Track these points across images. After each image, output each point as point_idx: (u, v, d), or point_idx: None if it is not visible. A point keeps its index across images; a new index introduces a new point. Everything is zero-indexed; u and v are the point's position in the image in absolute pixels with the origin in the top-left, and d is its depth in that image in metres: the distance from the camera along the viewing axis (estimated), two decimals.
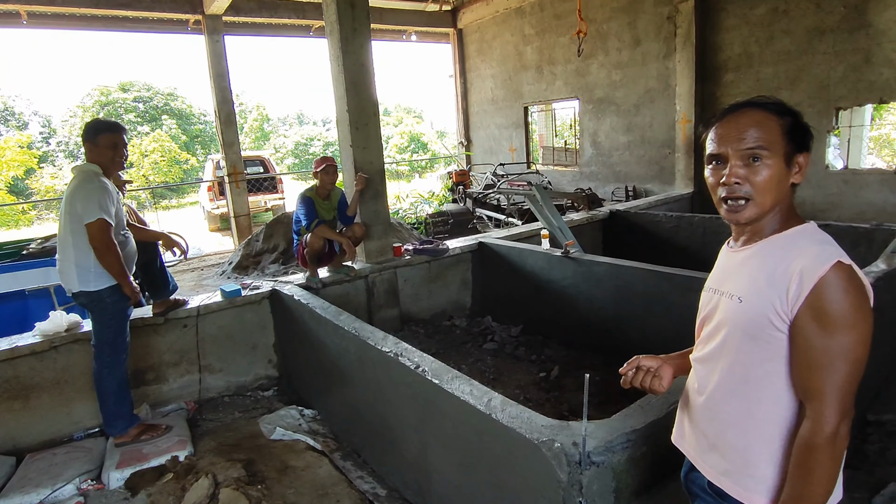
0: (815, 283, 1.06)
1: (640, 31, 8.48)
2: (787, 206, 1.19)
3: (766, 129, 1.15)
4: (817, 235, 1.16)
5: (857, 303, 1.06)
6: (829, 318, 1.05)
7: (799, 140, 1.16)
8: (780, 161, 1.15)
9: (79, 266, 2.96)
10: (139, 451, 3.10)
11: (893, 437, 2.84)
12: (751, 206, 1.17)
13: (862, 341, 1.06)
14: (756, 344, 1.15)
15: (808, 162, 1.17)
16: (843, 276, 1.06)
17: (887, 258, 3.34)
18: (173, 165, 24.52)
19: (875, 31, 5.98)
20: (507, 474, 1.92)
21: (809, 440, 1.08)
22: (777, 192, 1.16)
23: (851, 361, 1.06)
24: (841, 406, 1.06)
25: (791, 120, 1.16)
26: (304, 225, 4.22)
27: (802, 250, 1.11)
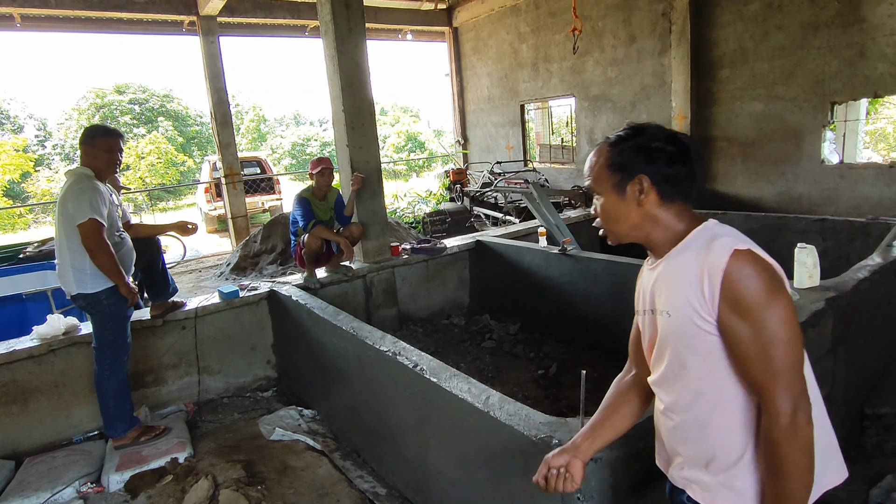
0: (722, 276, 1.06)
1: (635, 27, 8.49)
2: (672, 218, 1.20)
3: (596, 168, 1.23)
4: (714, 230, 1.16)
5: (767, 283, 1.05)
6: (746, 306, 1.05)
7: (631, 164, 1.18)
8: (611, 194, 1.22)
9: (75, 268, 2.96)
10: (139, 453, 3.11)
11: (890, 429, 2.85)
12: (607, 232, 1.27)
13: (784, 319, 1.05)
14: (697, 353, 1.14)
15: (648, 182, 1.17)
16: (745, 261, 1.06)
17: (883, 252, 3.36)
18: (170, 167, 24.46)
19: (869, 26, 5.99)
20: (505, 471, 1.92)
21: (770, 436, 1.06)
22: (622, 219, 1.22)
23: (782, 342, 1.04)
24: (789, 391, 1.04)
25: (619, 149, 1.19)
26: (302, 226, 4.23)
27: (703, 248, 1.12)
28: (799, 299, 2.68)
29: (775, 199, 7.16)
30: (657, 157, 1.17)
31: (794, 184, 6.95)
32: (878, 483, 2.32)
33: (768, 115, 7.03)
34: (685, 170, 1.18)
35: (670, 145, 1.17)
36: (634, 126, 1.21)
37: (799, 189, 6.91)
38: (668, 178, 1.17)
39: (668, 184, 1.17)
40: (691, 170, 1.19)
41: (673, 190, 1.18)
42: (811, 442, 1.05)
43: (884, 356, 3.34)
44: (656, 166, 1.17)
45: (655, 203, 1.19)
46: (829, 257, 4.33)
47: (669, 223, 1.20)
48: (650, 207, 1.19)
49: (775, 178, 7.13)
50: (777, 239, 4.95)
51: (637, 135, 1.19)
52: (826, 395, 2.68)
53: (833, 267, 3.80)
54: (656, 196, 1.18)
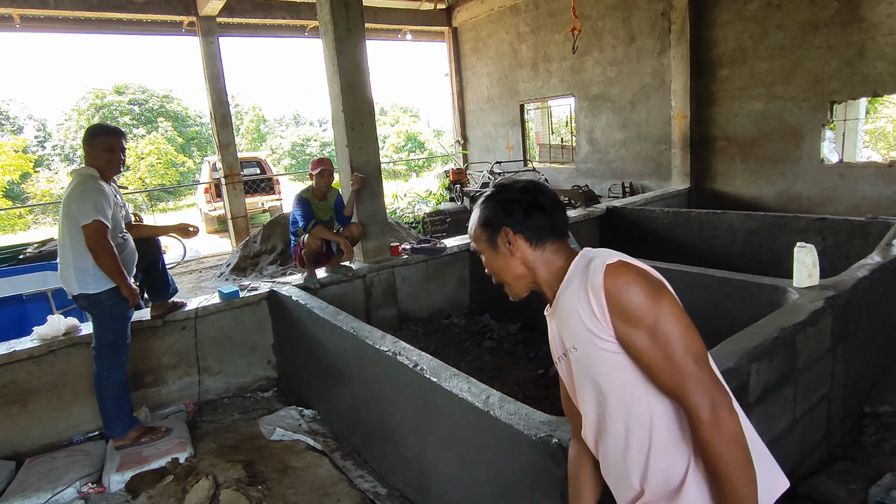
0: (604, 292, 1.10)
1: (634, 27, 8.49)
2: (549, 257, 1.26)
3: (473, 230, 1.33)
4: (588, 255, 1.20)
5: (645, 287, 1.08)
6: (633, 314, 1.07)
7: (495, 220, 1.26)
8: (488, 250, 1.30)
9: (77, 269, 2.96)
10: (139, 453, 3.11)
11: (889, 428, 2.85)
12: (505, 289, 1.33)
13: (673, 316, 1.07)
14: (611, 378, 1.14)
15: (511, 232, 1.25)
16: (618, 272, 1.10)
17: (882, 251, 3.36)
18: (170, 168, 24.45)
19: (868, 25, 6.00)
20: (505, 470, 1.93)
21: (698, 437, 1.05)
22: (507, 271, 1.28)
23: (678, 339, 1.06)
24: (701, 387, 1.04)
25: (483, 208, 1.29)
26: (302, 226, 4.23)
27: (582, 275, 1.16)
28: (798, 298, 2.68)
29: (775, 198, 7.16)
30: (514, 209, 1.26)
31: (793, 183, 6.95)
32: (877, 482, 2.32)
33: (768, 115, 7.03)
34: (543, 216, 1.26)
35: (525, 196, 1.26)
36: (499, 184, 1.32)
37: (798, 188, 6.92)
38: (530, 226, 1.25)
39: (532, 230, 1.25)
40: (549, 214, 1.26)
41: (539, 234, 1.25)
42: (740, 433, 1.04)
43: (883, 355, 3.34)
44: (515, 217, 1.25)
45: (527, 249, 1.26)
46: (828, 256, 4.33)
47: (548, 262, 1.26)
48: (523, 254, 1.26)
49: (775, 178, 7.13)
50: (777, 238, 4.95)
51: (499, 192, 1.29)
52: (825, 394, 2.69)
53: (833, 266, 3.80)
54: (525, 242, 1.26)
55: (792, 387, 2.38)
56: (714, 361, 2.05)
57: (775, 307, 2.73)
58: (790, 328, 2.35)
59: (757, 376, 2.15)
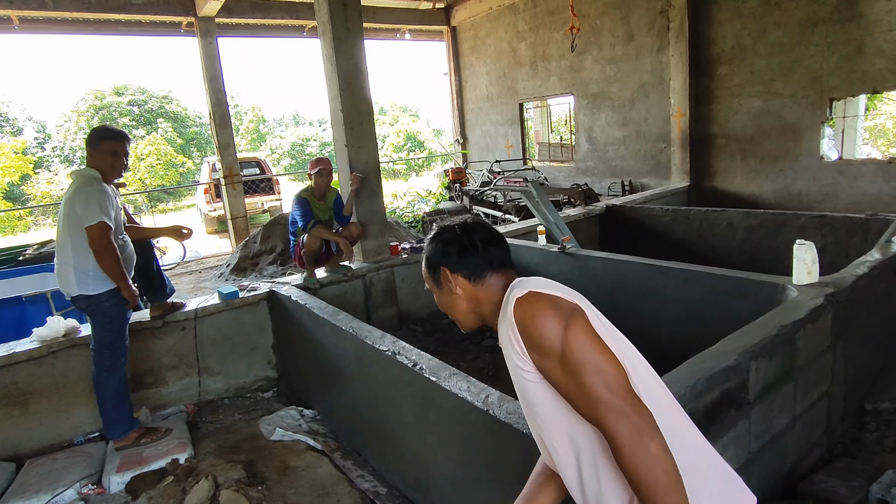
0: (516, 327, 1.13)
1: (633, 25, 8.48)
2: (489, 291, 1.29)
3: (423, 267, 1.39)
4: (511, 290, 1.21)
5: (551, 317, 1.09)
6: (542, 346, 1.09)
7: (434, 261, 1.33)
8: (434, 290, 1.38)
9: (77, 269, 2.96)
10: (139, 454, 3.11)
11: (890, 425, 2.85)
12: (457, 324, 1.39)
13: (579, 344, 1.06)
14: (547, 408, 1.16)
15: (448, 271, 1.31)
16: (525, 305, 1.13)
17: (882, 248, 3.36)
18: (169, 168, 24.47)
19: (867, 22, 5.99)
20: (505, 469, 1.92)
21: (621, 463, 1.02)
22: (455, 307, 1.34)
23: (588, 367, 1.04)
24: (617, 415, 1.01)
25: (426, 251, 1.36)
26: (301, 226, 4.22)
27: (503, 308, 1.21)
28: (798, 295, 2.68)
29: (774, 195, 7.16)
30: (446, 250, 1.32)
31: (792, 180, 6.95)
32: (878, 479, 2.32)
33: (767, 112, 7.03)
34: (476, 255, 1.30)
35: (458, 236, 1.32)
36: (440, 226, 1.38)
37: (798, 185, 6.91)
38: (465, 265, 1.30)
39: (468, 268, 1.30)
40: (482, 252, 1.30)
41: (476, 269, 1.30)
42: (662, 457, 1.00)
43: (883, 351, 3.34)
44: (450, 258, 1.31)
45: (467, 286, 1.31)
46: (828, 253, 4.33)
47: (489, 296, 1.29)
48: (466, 291, 1.31)
49: (774, 175, 7.12)
50: (776, 236, 4.95)
51: (439, 234, 1.36)
52: (826, 391, 2.69)
53: (832, 263, 3.80)
54: (464, 280, 1.30)
55: (792, 384, 2.38)
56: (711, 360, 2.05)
57: (775, 304, 2.73)
58: (790, 325, 2.34)
59: (756, 374, 2.15)
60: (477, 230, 1.33)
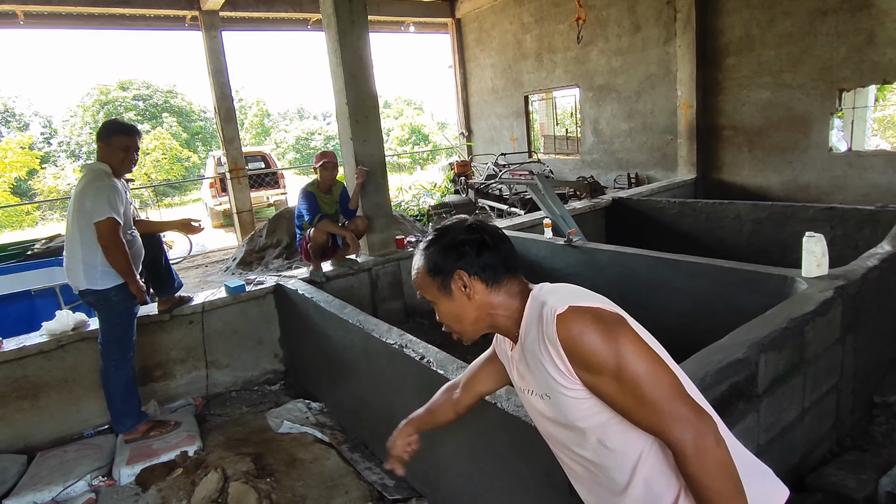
0: (561, 344, 1.07)
1: (639, 16, 8.40)
2: (506, 299, 1.21)
3: (418, 278, 1.26)
4: (540, 298, 1.15)
5: (599, 332, 1.04)
6: (594, 363, 1.04)
7: (445, 265, 1.20)
8: (440, 297, 1.23)
9: (86, 264, 2.97)
10: (149, 447, 3.13)
11: None
12: (459, 335, 1.29)
13: (632, 357, 1.03)
14: (589, 421, 1.13)
15: (465, 276, 1.19)
16: (568, 321, 1.06)
17: (892, 239, 3.33)
18: (175, 163, 24.53)
19: (878, 11, 5.91)
20: (513, 461, 1.93)
21: (685, 472, 1.02)
22: (464, 317, 1.22)
23: (645, 377, 1.02)
24: (682, 423, 1.00)
25: (429, 253, 1.22)
26: (307, 220, 4.23)
27: (537, 323, 1.13)
28: (807, 288, 2.66)
29: (782, 187, 7.10)
30: (463, 251, 1.20)
31: (801, 172, 6.89)
32: (887, 471, 2.31)
33: (775, 103, 6.96)
34: (495, 254, 1.21)
35: (472, 235, 1.21)
36: (439, 228, 1.26)
37: (806, 177, 6.85)
38: (483, 266, 1.20)
39: (486, 270, 1.20)
40: (498, 251, 1.22)
41: (494, 273, 1.20)
42: (728, 464, 1.01)
43: (893, 344, 3.31)
44: (467, 259, 1.19)
45: (483, 291, 1.20)
46: (837, 246, 4.29)
47: (506, 304, 1.21)
48: (481, 297, 1.20)
49: (782, 167, 7.07)
50: (785, 228, 4.91)
51: (441, 236, 1.23)
52: (835, 384, 2.67)
53: (842, 255, 3.77)
54: (481, 284, 1.20)
55: (801, 377, 2.37)
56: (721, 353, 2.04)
57: (784, 297, 2.71)
58: (799, 318, 2.33)
59: (766, 367, 2.13)
60: (486, 229, 1.23)
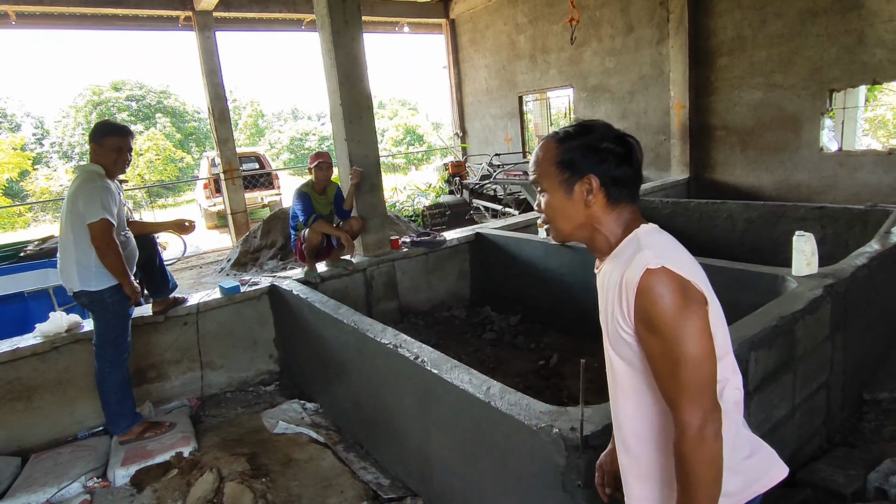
0: (635, 293, 1.07)
1: (632, 17, 8.44)
2: (613, 222, 1.18)
3: (542, 163, 1.20)
4: (640, 241, 1.13)
5: (677, 302, 1.04)
6: (656, 324, 1.06)
7: (580, 163, 1.15)
8: (557, 190, 1.19)
9: (80, 265, 2.97)
10: (143, 448, 3.13)
11: (889, 414, 2.88)
12: (552, 229, 1.25)
13: (690, 339, 1.04)
14: (623, 359, 1.17)
15: (597, 182, 1.15)
16: (656, 280, 1.05)
17: (881, 238, 3.37)
18: (168, 164, 24.44)
19: (867, 12, 5.97)
20: (507, 460, 1.94)
21: (678, 448, 1.06)
22: (568, 217, 1.20)
23: (690, 360, 1.04)
24: (697, 406, 1.04)
25: (567, 146, 1.17)
26: (302, 220, 4.23)
27: (627, 260, 1.11)
28: (797, 287, 2.69)
29: (774, 187, 7.16)
30: (606, 157, 1.15)
31: (792, 172, 6.95)
32: (876, 467, 2.34)
33: (767, 104, 7.01)
34: (632, 172, 1.17)
35: (619, 146, 1.16)
36: (583, 123, 1.19)
37: (798, 177, 6.91)
38: (616, 180, 1.16)
39: (616, 185, 1.16)
40: (637, 172, 1.19)
41: (619, 192, 1.17)
42: (718, 456, 1.05)
43: (882, 342, 3.36)
44: (605, 167, 1.15)
45: (602, 205, 1.17)
46: (827, 245, 4.34)
47: (611, 227, 1.19)
48: (597, 209, 1.18)
49: (774, 167, 7.12)
50: (776, 227, 4.96)
51: (586, 133, 1.17)
52: (825, 381, 2.70)
53: (832, 254, 3.81)
54: (604, 197, 1.17)
55: (791, 374, 2.40)
56: None
57: (774, 296, 2.74)
58: (789, 316, 2.36)
59: (756, 364, 2.16)
60: (634, 146, 1.18)
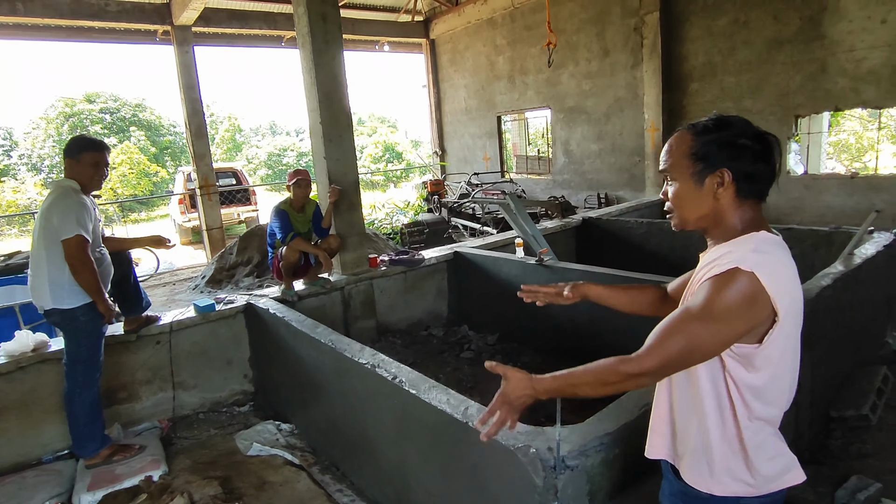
0: (710, 276, 1.14)
1: (608, 41, 8.69)
2: (737, 219, 1.21)
3: (675, 153, 1.24)
4: (753, 245, 1.16)
5: (728, 304, 1.10)
6: (699, 299, 1.13)
7: (714, 157, 1.19)
8: (687, 181, 1.22)
9: (52, 282, 2.90)
10: (111, 472, 3.03)
11: (855, 432, 2.95)
12: (674, 217, 1.29)
13: (712, 335, 1.11)
14: None
15: (729, 177, 1.18)
16: (732, 278, 1.10)
17: (845, 260, 3.49)
18: (142, 178, 24.02)
19: (829, 42, 6.25)
20: (484, 481, 1.94)
21: (616, 364, 1.19)
22: (693, 207, 1.23)
23: (691, 341, 1.11)
24: (653, 362, 1.14)
25: (708, 138, 1.20)
26: (280, 238, 4.20)
27: (727, 254, 1.16)
28: None
29: None
30: (742, 153, 1.17)
31: None
32: (843, 484, 2.40)
33: None
34: (767, 169, 1.19)
35: (757, 143, 1.18)
36: (722, 118, 1.22)
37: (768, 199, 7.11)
38: (749, 176, 1.18)
39: (747, 181, 1.18)
40: (773, 170, 1.20)
41: (750, 188, 1.19)
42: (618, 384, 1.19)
43: (847, 360, 3.46)
44: (739, 163, 1.17)
45: (730, 199, 1.19)
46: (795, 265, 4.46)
47: (733, 221, 1.21)
48: (724, 203, 1.20)
49: None
50: None
51: (724, 128, 1.19)
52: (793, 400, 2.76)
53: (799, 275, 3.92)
54: (733, 192, 1.19)
55: None
56: None
57: None
58: None
59: None
60: (773, 145, 1.19)
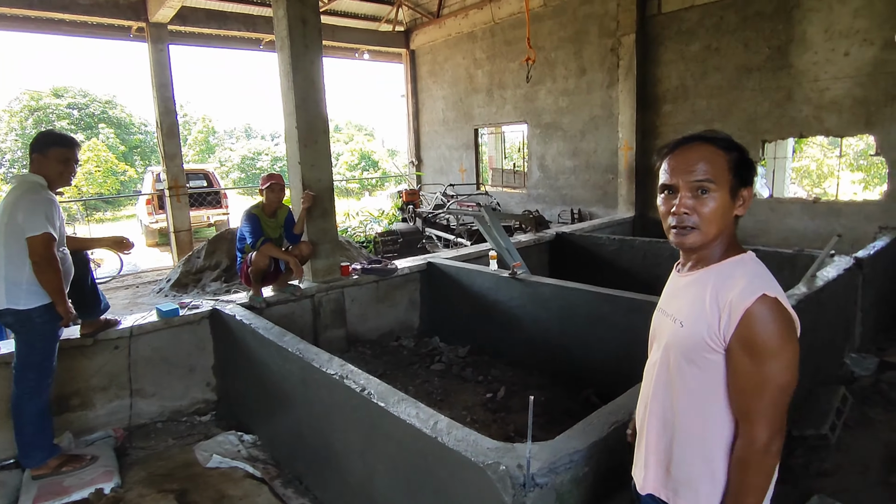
0: (742, 315, 1.14)
1: (585, 60, 8.85)
2: (730, 237, 1.27)
3: (714, 164, 1.21)
4: (750, 267, 1.23)
5: (781, 332, 1.14)
6: (756, 348, 1.14)
7: (744, 175, 1.24)
8: (726, 194, 1.22)
9: (9, 281, 2.75)
10: (59, 483, 2.88)
11: (815, 451, 3.01)
12: (696, 233, 1.23)
13: (787, 367, 1.15)
14: (695, 366, 1.22)
15: (751, 195, 1.26)
16: (767, 307, 1.14)
17: (808, 282, 3.58)
18: (109, 176, 23.32)
19: (796, 72, 6.49)
20: (453, 497, 1.90)
21: (742, 456, 1.16)
22: (721, 222, 1.23)
23: (778, 386, 1.14)
24: (770, 425, 1.14)
25: (737, 155, 1.24)
26: (250, 243, 4.11)
27: (735, 282, 1.18)
28: None
29: None
30: (756, 173, 1.27)
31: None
32: (805, 503, 2.43)
33: None
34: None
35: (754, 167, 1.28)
36: (728, 137, 1.26)
37: None
38: (751, 196, 1.27)
39: (748, 201, 1.26)
40: None
41: (745, 207, 1.27)
42: (773, 470, 1.18)
43: (808, 379, 3.54)
44: (754, 181, 1.27)
45: (734, 213, 1.26)
46: None
47: (729, 240, 1.27)
48: (732, 220, 1.26)
49: None
50: None
51: (739, 147, 1.25)
52: None
53: None
54: (743, 210, 1.26)
55: None
56: None
57: None
58: None
59: None
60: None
